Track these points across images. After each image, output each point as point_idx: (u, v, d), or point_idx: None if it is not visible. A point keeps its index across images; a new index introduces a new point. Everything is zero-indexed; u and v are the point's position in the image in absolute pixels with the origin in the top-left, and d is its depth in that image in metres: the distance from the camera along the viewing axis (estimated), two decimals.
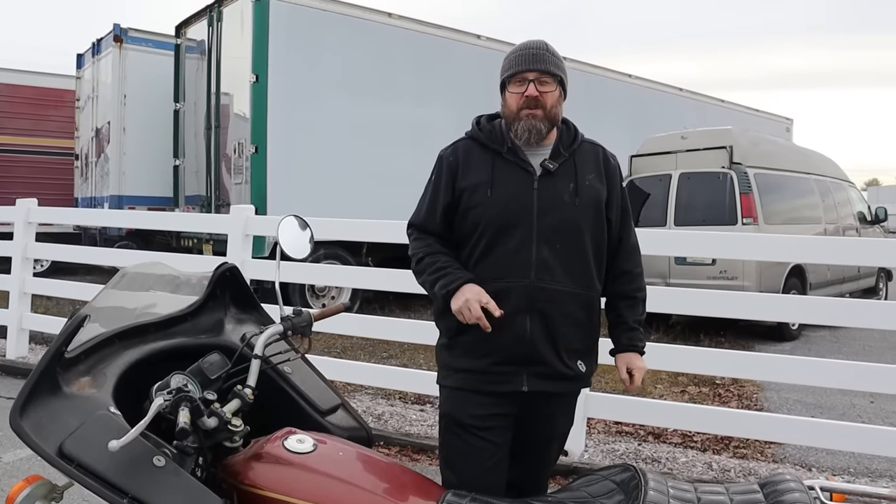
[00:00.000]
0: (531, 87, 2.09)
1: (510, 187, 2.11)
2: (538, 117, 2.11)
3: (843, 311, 3.97)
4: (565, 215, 2.10)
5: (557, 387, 2.14)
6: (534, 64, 2.11)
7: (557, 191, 2.12)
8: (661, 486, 1.54)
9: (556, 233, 2.09)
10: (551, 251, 2.08)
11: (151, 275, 1.99)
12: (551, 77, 2.12)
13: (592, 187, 2.16)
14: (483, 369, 2.09)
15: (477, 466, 2.07)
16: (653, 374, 6.18)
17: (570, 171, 2.15)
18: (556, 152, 2.16)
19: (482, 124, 2.24)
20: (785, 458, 4.39)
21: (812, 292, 8.67)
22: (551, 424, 2.21)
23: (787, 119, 17.28)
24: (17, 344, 6.62)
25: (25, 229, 6.70)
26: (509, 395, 2.10)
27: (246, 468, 1.63)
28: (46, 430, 1.44)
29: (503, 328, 2.05)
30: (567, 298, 2.10)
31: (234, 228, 5.39)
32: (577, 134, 2.24)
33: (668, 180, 8.62)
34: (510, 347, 2.07)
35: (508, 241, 2.08)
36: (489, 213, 2.10)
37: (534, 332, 2.07)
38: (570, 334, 2.12)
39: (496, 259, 2.09)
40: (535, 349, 2.08)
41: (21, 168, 13.42)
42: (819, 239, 7.12)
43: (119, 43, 10.80)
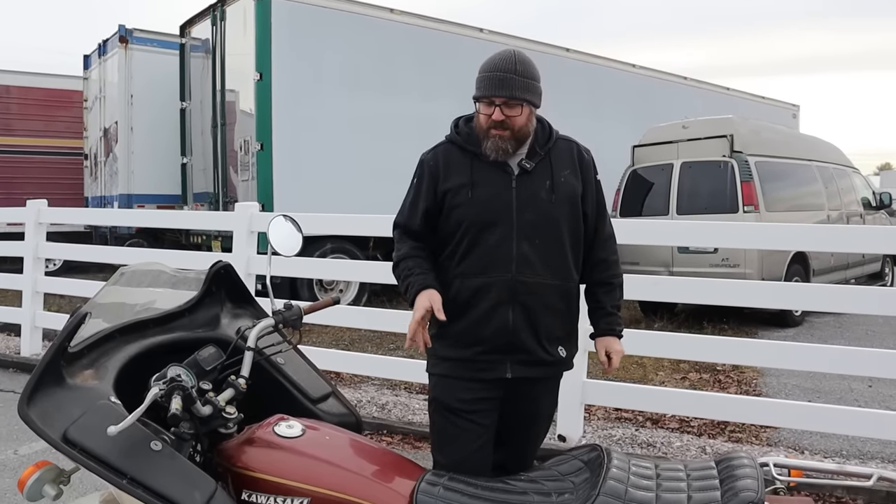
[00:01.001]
0: (497, 112, 2.16)
1: (490, 187, 2.21)
2: (505, 138, 2.19)
3: (843, 298, 4.04)
4: (543, 211, 2.21)
5: (539, 372, 2.25)
6: (499, 90, 2.16)
7: (535, 188, 2.22)
8: (623, 464, 1.65)
9: (534, 228, 2.20)
10: (531, 246, 2.19)
11: (150, 272, 2.10)
12: (518, 101, 2.18)
13: (568, 183, 2.26)
14: (469, 358, 2.21)
15: (464, 448, 2.18)
16: (655, 361, 6.28)
17: (546, 169, 2.25)
18: (532, 152, 2.25)
19: (460, 127, 2.33)
20: (779, 441, 4.47)
21: (815, 279, 8.71)
22: (535, 406, 2.32)
23: (793, 105, 17.21)
24: (31, 341, 6.80)
25: (36, 230, 6.85)
26: (494, 381, 2.21)
27: (239, 452, 1.74)
28: (52, 419, 1.55)
29: (489, 319, 2.18)
30: (547, 290, 2.21)
31: (240, 225, 5.52)
32: (551, 132, 2.33)
33: (670, 170, 8.68)
34: (494, 337, 2.19)
35: (490, 238, 2.19)
36: (471, 213, 2.20)
37: (516, 322, 2.18)
38: (550, 323, 2.23)
39: (479, 255, 2.20)
40: (518, 338, 2.19)
41: (32, 169, 13.62)
42: (819, 227, 7.17)
43: (124, 43, 10.94)
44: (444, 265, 2.28)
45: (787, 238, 4.58)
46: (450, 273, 2.26)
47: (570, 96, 11.23)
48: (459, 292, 2.22)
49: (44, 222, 6.93)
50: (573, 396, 4.28)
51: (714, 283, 4.39)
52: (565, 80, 11.18)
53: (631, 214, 8.77)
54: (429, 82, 9.63)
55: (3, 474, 3.95)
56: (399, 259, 2.30)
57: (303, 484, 1.66)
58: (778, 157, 8.85)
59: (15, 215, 7.31)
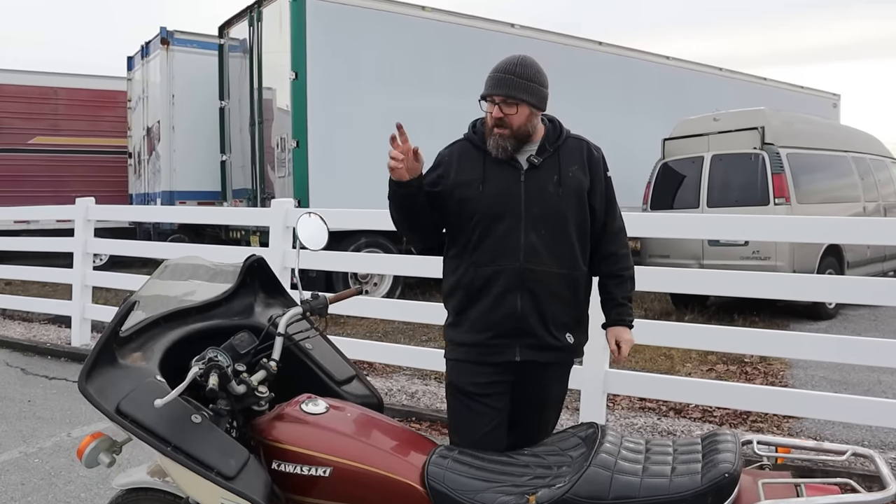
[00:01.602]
0: (496, 110, 2.32)
1: (500, 182, 2.36)
2: (505, 136, 2.34)
3: (876, 290, 4.02)
4: (550, 204, 2.35)
5: (547, 357, 2.39)
6: (497, 89, 2.32)
7: (542, 183, 2.36)
8: (616, 439, 1.80)
9: (541, 220, 2.34)
10: (538, 236, 2.33)
11: (190, 266, 2.31)
12: (515, 101, 2.31)
13: (575, 178, 2.40)
14: (482, 342, 2.36)
15: (478, 430, 2.33)
16: (683, 353, 6.35)
17: (555, 164, 2.39)
18: (542, 148, 2.40)
19: (477, 127, 2.49)
20: (801, 431, 4.54)
21: (850, 271, 8.65)
22: (545, 392, 2.45)
23: (833, 95, 16.90)
24: (81, 332, 7.14)
25: (85, 226, 7.19)
26: (504, 365, 2.35)
27: (270, 427, 1.93)
28: (106, 393, 1.77)
29: (499, 305, 2.34)
30: (553, 278, 2.35)
31: (276, 221, 5.74)
32: (561, 131, 2.48)
33: (701, 162, 8.69)
34: (504, 323, 2.33)
35: (499, 229, 2.34)
36: (482, 205, 2.35)
37: (524, 308, 2.33)
38: (557, 310, 2.36)
39: (489, 245, 2.35)
40: (526, 324, 2.33)
41: (79, 167, 14.14)
42: (850, 219, 7.13)
43: (166, 45, 11.31)
44: (459, 255, 2.43)
45: (818, 230, 4.59)
46: (464, 262, 2.41)
47: (603, 90, 11.27)
48: (473, 280, 2.37)
49: (92, 219, 7.26)
50: (596, 385, 4.39)
51: (744, 276, 4.44)
52: (598, 73, 11.23)
53: (661, 207, 8.82)
54: (461, 79, 9.73)
55: (58, 454, 4.23)
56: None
57: (326, 455, 1.85)
58: (811, 149, 8.80)
59: (65, 212, 7.66)
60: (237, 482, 1.72)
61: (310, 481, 1.85)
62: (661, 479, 1.66)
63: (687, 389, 4.40)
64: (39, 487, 3.77)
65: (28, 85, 13.82)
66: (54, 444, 4.42)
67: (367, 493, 1.83)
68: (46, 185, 13.65)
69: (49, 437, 4.55)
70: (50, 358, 6.78)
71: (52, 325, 8.18)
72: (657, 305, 9.08)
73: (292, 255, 5.66)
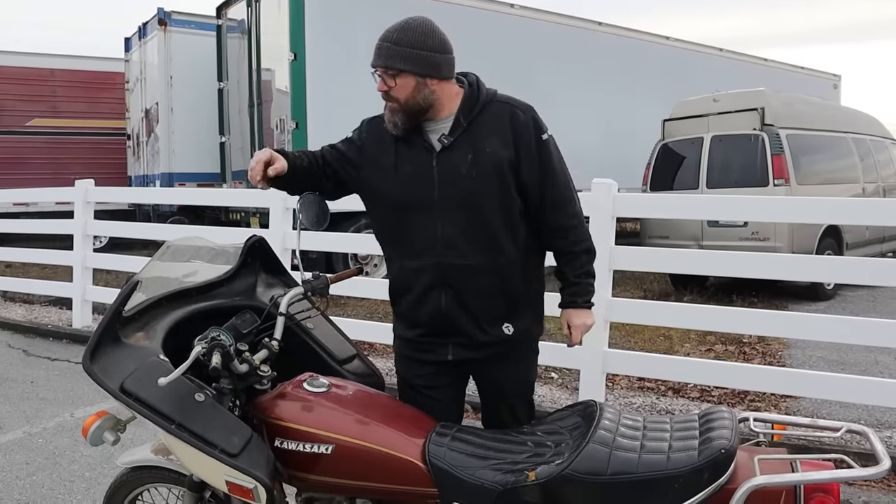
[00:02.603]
0: (380, 82, 2.11)
1: (411, 168, 2.14)
2: (394, 109, 2.12)
3: (874, 271, 4.04)
4: (463, 188, 2.09)
5: (483, 353, 2.19)
6: (377, 59, 2.10)
7: (455, 164, 2.11)
8: (614, 416, 1.82)
9: (456, 208, 2.10)
10: (454, 227, 2.11)
11: (191, 247, 2.32)
12: (394, 70, 2.08)
13: (494, 154, 2.10)
14: (413, 339, 2.24)
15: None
16: (682, 333, 6.39)
17: (469, 140, 2.12)
18: (455, 124, 2.13)
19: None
20: (798, 410, 4.58)
21: (849, 252, 8.67)
22: (497, 385, 2.26)
23: (833, 76, 16.84)
24: (82, 314, 7.17)
25: (84, 208, 7.19)
26: (441, 364, 2.21)
27: (272, 405, 1.95)
28: (110, 372, 1.79)
29: (423, 303, 2.17)
30: (473, 272, 2.12)
31: (275, 202, 5.76)
32: (479, 97, 2.17)
33: (701, 143, 8.68)
34: (431, 321, 2.18)
35: (414, 221, 2.14)
36: (395, 195, 2.15)
37: (448, 306, 2.14)
38: (484, 305, 2.15)
39: (405, 240, 2.17)
40: (454, 322, 2.15)
41: (77, 149, 14.12)
42: (849, 200, 7.12)
43: (163, 26, 11.24)
44: (384, 245, 2.28)
45: (817, 211, 4.57)
46: (392, 254, 2.25)
47: (603, 71, 11.22)
48: (399, 273, 2.22)
49: (91, 201, 7.26)
50: (595, 365, 4.43)
51: (743, 257, 4.46)
52: (598, 54, 11.17)
53: (661, 188, 8.83)
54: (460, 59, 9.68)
55: (62, 434, 4.27)
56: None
57: (328, 432, 1.87)
58: (811, 130, 8.79)
59: (64, 195, 7.66)
60: (240, 459, 1.75)
61: (312, 458, 1.88)
62: (659, 455, 1.69)
63: (686, 369, 4.43)
64: (44, 467, 3.81)
65: (26, 67, 13.76)
66: (57, 424, 4.46)
67: (368, 469, 1.86)
68: (45, 167, 13.64)
69: (52, 417, 4.59)
70: (52, 340, 6.82)
71: (54, 307, 8.21)
72: (656, 286, 9.11)
73: (292, 237, 5.72)
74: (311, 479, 1.91)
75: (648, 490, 1.66)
